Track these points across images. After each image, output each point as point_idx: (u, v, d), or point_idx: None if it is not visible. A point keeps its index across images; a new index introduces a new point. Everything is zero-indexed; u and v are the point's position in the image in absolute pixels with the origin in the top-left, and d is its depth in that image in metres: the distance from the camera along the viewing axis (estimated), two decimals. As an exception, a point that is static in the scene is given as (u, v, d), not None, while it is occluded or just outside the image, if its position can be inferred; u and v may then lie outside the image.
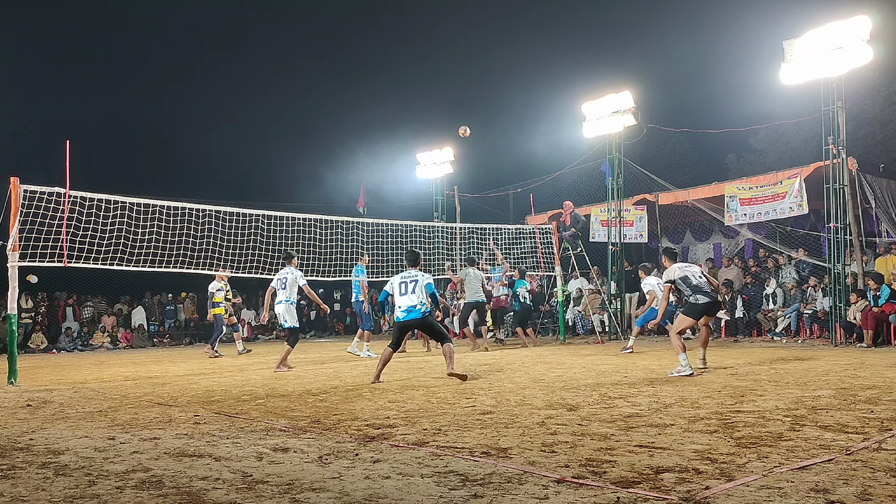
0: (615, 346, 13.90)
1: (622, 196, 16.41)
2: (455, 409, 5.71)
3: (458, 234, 16.26)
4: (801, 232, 15.43)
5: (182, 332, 21.92)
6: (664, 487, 3.15)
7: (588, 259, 16.75)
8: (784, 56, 12.81)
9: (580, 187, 18.67)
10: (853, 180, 12.92)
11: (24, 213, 9.04)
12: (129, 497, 3.26)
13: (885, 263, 13.26)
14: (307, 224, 12.56)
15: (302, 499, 3.16)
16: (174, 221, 10.92)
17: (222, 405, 6.38)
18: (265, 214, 12.09)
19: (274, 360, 12.52)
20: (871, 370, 7.93)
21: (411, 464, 3.76)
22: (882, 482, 3.16)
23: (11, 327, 9.20)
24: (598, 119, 16.07)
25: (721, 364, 9.06)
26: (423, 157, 21.09)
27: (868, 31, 11.77)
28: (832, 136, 12.63)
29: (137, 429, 5.14)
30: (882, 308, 11.93)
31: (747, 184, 15.07)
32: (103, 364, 12.65)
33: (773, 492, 3.03)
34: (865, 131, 22.37)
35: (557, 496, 3.07)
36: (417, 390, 7.08)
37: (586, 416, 5.10)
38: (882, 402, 5.46)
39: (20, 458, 4.18)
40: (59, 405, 6.70)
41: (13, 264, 8.97)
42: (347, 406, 6.06)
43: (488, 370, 9.17)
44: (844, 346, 12.08)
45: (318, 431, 4.85)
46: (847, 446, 3.90)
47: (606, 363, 9.73)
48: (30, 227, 9.14)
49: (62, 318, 20.42)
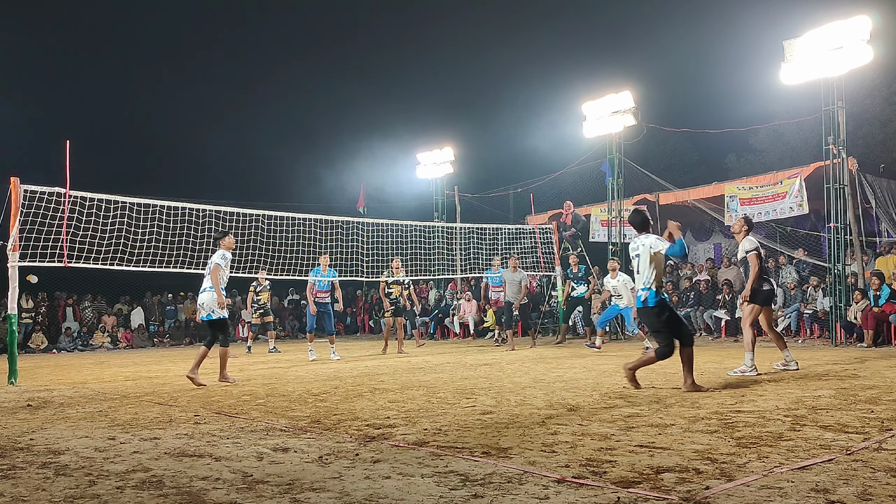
0: (616, 346, 13.91)
1: (622, 196, 16.42)
2: (455, 409, 5.71)
3: (458, 234, 16.25)
4: (801, 232, 15.44)
5: (182, 332, 21.92)
6: (664, 487, 3.15)
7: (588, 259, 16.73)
8: (784, 56, 12.81)
9: (580, 187, 18.66)
10: (853, 180, 12.92)
11: (24, 213, 9.04)
12: (130, 497, 3.26)
13: (886, 263, 13.26)
14: (307, 224, 12.56)
15: (302, 499, 3.16)
16: (174, 221, 10.92)
17: (222, 405, 6.38)
18: (265, 214, 12.09)
19: (274, 361, 12.53)
20: (871, 370, 7.93)
21: (411, 464, 3.76)
22: (882, 482, 3.16)
23: (11, 327, 9.20)
24: (598, 119, 16.07)
25: (721, 364, 9.06)
26: (423, 157, 21.10)
27: (868, 31, 11.77)
28: (832, 135, 12.63)
29: (137, 429, 5.14)
30: (882, 308, 11.93)
31: (747, 184, 15.08)
32: (103, 364, 12.65)
33: (774, 492, 3.03)
34: (865, 131, 22.37)
35: (558, 496, 3.07)
36: (417, 390, 7.08)
37: (586, 416, 5.10)
38: (882, 402, 5.46)
39: (20, 458, 4.17)
40: (59, 405, 6.70)
41: (13, 264, 8.97)
42: (347, 406, 6.06)
43: (489, 370, 9.17)
44: (844, 346, 12.08)
45: (319, 431, 4.85)
46: (847, 446, 3.90)
47: (606, 363, 9.73)
48: (30, 227, 9.14)
49: (62, 318, 20.42)
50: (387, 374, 8.94)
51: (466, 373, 8.88)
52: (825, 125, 12.80)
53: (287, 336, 22.90)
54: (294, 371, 10.00)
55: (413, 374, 8.99)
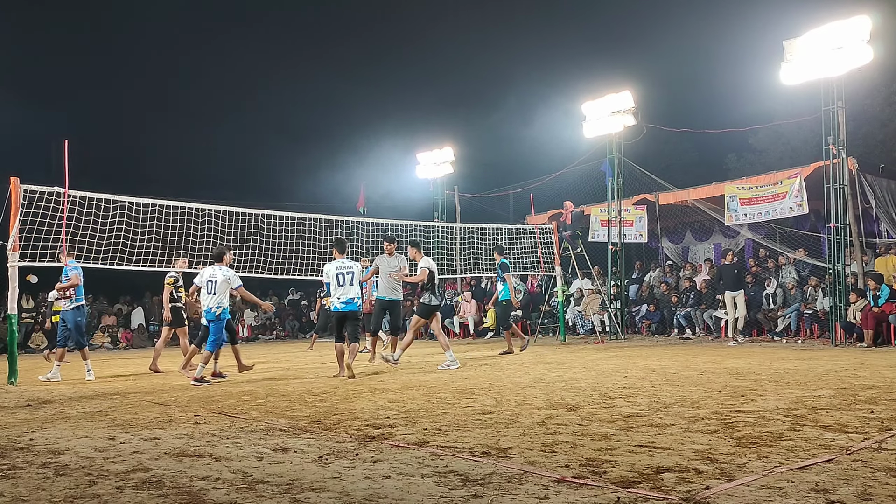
0: (615, 346, 13.90)
1: (622, 196, 16.41)
2: (455, 409, 5.71)
3: (458, 234, 16.24)
4: (801, 232, 15.43)
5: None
6: (664, 487, 3.15)
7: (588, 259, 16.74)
8: (784, 56, 12.80)
9: (580, 187, 18.63)
10: (853, 180, 12.91)
11: (24, 213, 9.04)
12: (130, 497, 3.26)
13: (885, 263, 13.25)
14: (307, 224, 12.56)
15: (302, 499, 3.16)
16: (174, 221, 10.91)
17: (222, 405, 6.38)
18: (265, 214, 12.09)
19: (274, 360, 12.53)
20: (871, 370, 7.93)
21: (411, 464, 3.76)
22: (882, 482, 3.16)
23: (11, 327, 9.19)
24: (598, 119, 16.06)
25: (721, 364, 9.07)
26: (423, 157, 21.08)
27: (868, 31, 11.76)
28: (832, 135, 12.62)
29: (137, 429, 5.14)
30: (882, 308, 11.93)
31: (747, 184, 15.06)
32: (103, 364, 12.64)
33: (774, 492, 3.03)
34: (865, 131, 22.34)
35: (558, 496, 3.07)
36: (417, 390, 7.08)
37: (586, 416, 5.10)
38: (882, 402, 5.46)
39: (20, 458, 4.18)
40: (59, 405, 6.70)
41: (13, 264, 8.97)
42: (347, 406, 6.06)
43: (489, 370, 9.17)
44: (844, 346, 12.08)
45: (319, 431, 4.85)
46: (847, 446, 3.90)
47: (606, 363, 9.73)
48: (30, 227, 9.14)
49: (62, 317, 20.40)
50: (387, 374, 8.94)
51: (466, 373, 8.88)
52: (825, 125, 12.79)
53: (287, 336, 22.89)
54: (294, 371, 10.00)
55: (413, 374, 8.99)
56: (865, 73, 14.26)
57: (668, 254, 18.76)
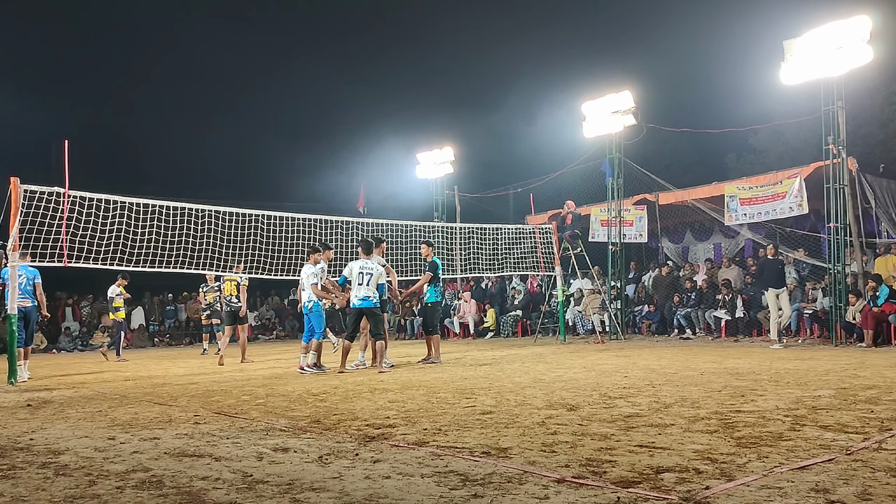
0: (615, 346, 13.90)
1: (622, 196, 16.41)
2: (455, 409, 5.71)
3: (458, 234, 16.25)
4: (800, 232, 15.43)
5: (182, 332, 21.93)
6: (664, 487, 3.15)
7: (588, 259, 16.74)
8: (784, 56, 12.80)
9: (580, 187, 18.64)
10: (853, 180, 12.91)
11: (24, 213, 9.05)
12: (130, 497, 3.26)
13: (885, 263, 13.25)
14: (307, 224, 12.55)
15: (302, 499, 3.16)
16: (174, 221, 10.92)
17: (222, 405, 6.38)
18: (265, 214, 12.09)
19: (273, 361, 12.53)
20: (871, 370, 7.93)
21: (411, 464, 3.76)
22: (882, 482, 3.16)
23: (11, 327, 9.20)
24: (598, 119, 16.07)
25: (721, 364, 9.07)
26: (423, 157, 21.08)
27: (868, 31, 11.76)
28: (832, 136, 12.62)
29: (137, 429, 5.14)
30: (882, 308, 11.93)
31: (747, 184, 15.07)
32: (103, 364, 12.65)
33: (774, 492, 3.03)
34: (865, 131, 22.33)
35: (558, 496, 3.07)
36: (417, 390, 7.08)
37: (586, 416, 5.10)
38: (882, 402, 5.46)
39: (20, 458, 4.18)
40: (59, 405, 6.70)
41: (13, 264, 8.97)
42: (347, 406, 6.06)
43: (489, 370, 9.17)
44: (844, 346, 12.08)
45: (318, 431, 4.85)
46: (847, 446, 3.90)
47: (606, 363, 9.73)
48: (30, 227, 9.14)
49: (62, 318, 20.42)
50: (387, 374, 8.94)
51: (466, 373, 8.88)
52: (825, 125, 12.79)
53: (287, 336, 22.89)
54: (294, 371, 10.00)
55: (413, 373, 8.99)
56: (865, 73, 14.26)
57: (668, 254, 18.76)
